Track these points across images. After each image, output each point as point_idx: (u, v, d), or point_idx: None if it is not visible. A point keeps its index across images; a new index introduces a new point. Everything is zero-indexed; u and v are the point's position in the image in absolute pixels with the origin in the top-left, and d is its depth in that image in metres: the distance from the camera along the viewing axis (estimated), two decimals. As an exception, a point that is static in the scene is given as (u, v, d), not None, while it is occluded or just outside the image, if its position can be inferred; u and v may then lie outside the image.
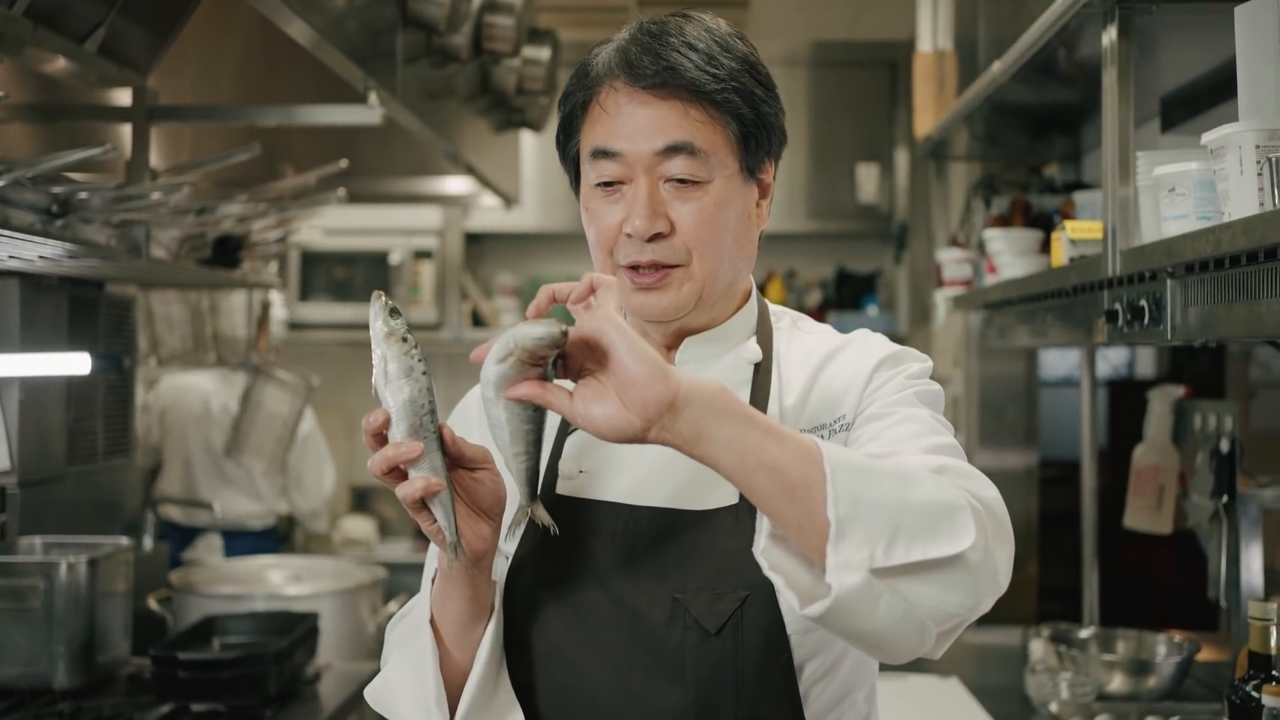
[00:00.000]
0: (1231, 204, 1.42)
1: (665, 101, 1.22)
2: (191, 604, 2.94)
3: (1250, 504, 2.41)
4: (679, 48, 1.22)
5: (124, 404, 2.99)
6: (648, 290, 1.25)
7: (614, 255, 1.26)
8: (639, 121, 1.22)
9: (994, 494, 1.13)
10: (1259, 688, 1.64)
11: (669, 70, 1.21)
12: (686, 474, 1.24)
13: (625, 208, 1.24)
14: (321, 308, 4.71)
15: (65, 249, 2.06)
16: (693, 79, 1.22)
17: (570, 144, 1.30)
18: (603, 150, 1.24)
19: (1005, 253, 2.58)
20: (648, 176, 1.23)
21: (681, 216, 1.23)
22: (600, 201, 1.26)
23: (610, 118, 1.24)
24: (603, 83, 1.25)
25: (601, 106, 1.24)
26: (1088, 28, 1.96)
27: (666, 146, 1.22)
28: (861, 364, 1.29)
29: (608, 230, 1.25)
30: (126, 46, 2.31)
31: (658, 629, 1.21)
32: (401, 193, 4.21)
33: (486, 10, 2.81)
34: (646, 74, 1.22)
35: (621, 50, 1.24)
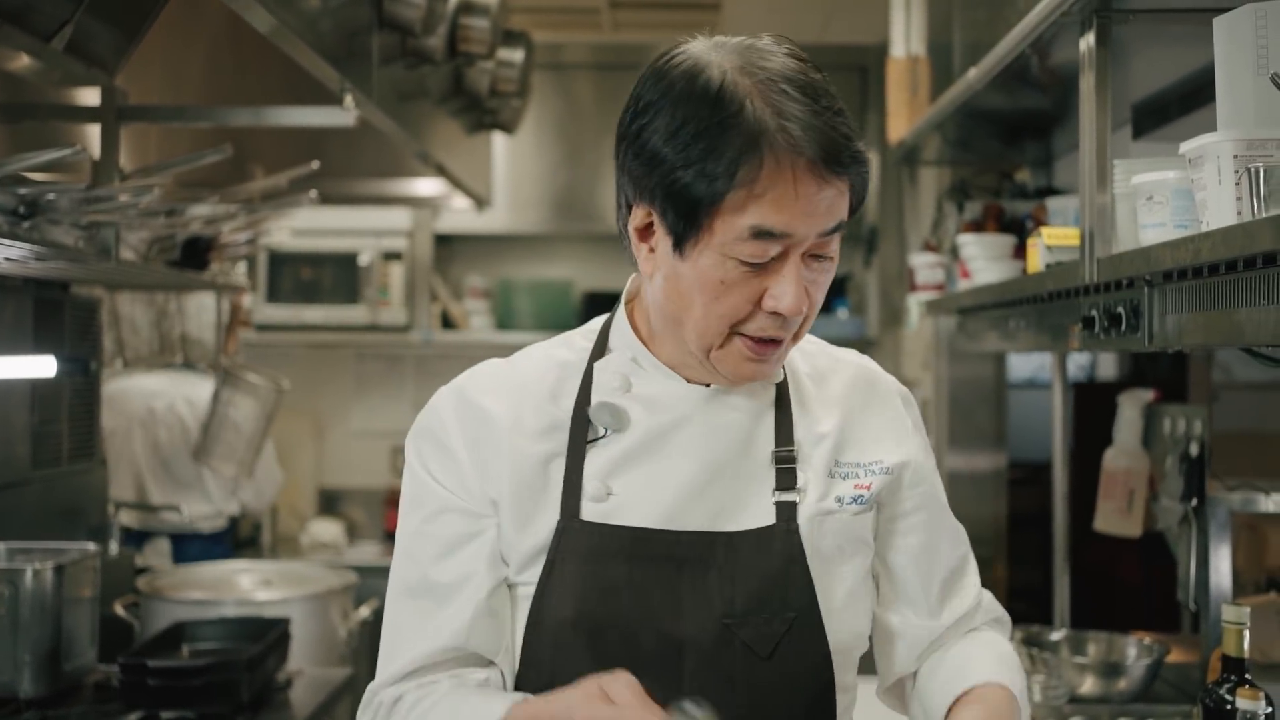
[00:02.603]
0: (1210, 213, 1.43)
1: (839, 180, 1.15)
2: (159, 610, 2.90)
3: (1219, 507, 2.44)
4: (844, 115, 1.16)
5: (90, 407, 2.95)
6: (760, 361, 1.21)
7: (739, 327, 1.19)
8: (817, 203, 1.14)
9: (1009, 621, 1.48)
10: (1233, 690, 1.66)
11: (855, 156, 1.15)
12: (723, 494, 1.24)
13: (776, 287, 1.16)
14: (289, 309, 4.67)
15: (33, 251, 2.03)
16: (860, 153, 1.16)
17: (699, 209, 1.15)
18: (771, 231, 1.14)
19: (979, 258, 2.59)
20: (799, 253, 1.17)
21: (813, 292, 1.19)
22: (740, 276, 1.16)
23: (795, 201, 1.13)
24: (787, 158, 1.12)
25: (792, 187, 1.13)
26: (1062, 35, 1.98)
27: (834, 227, 1.17)
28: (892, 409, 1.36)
29: (743, 304, 1.18)
30: (94, 45, 2.28)
31: (707, 657, 1.20)
32: (371, 194, 4.19)
33: (462, 12, 2.80)
34: (841, 160, 1.14)
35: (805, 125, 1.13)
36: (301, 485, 4.90)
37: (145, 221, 2.48)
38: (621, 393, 1.27)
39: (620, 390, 1.27)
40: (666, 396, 1.27)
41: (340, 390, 5.06)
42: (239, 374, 3.47)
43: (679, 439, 1.26)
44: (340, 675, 2.76)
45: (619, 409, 1.26)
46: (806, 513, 1.25)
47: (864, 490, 1.28)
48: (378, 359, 5.05)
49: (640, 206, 1.21)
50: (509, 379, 1.31)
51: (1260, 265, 1.32)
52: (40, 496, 2.73)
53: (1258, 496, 2.44)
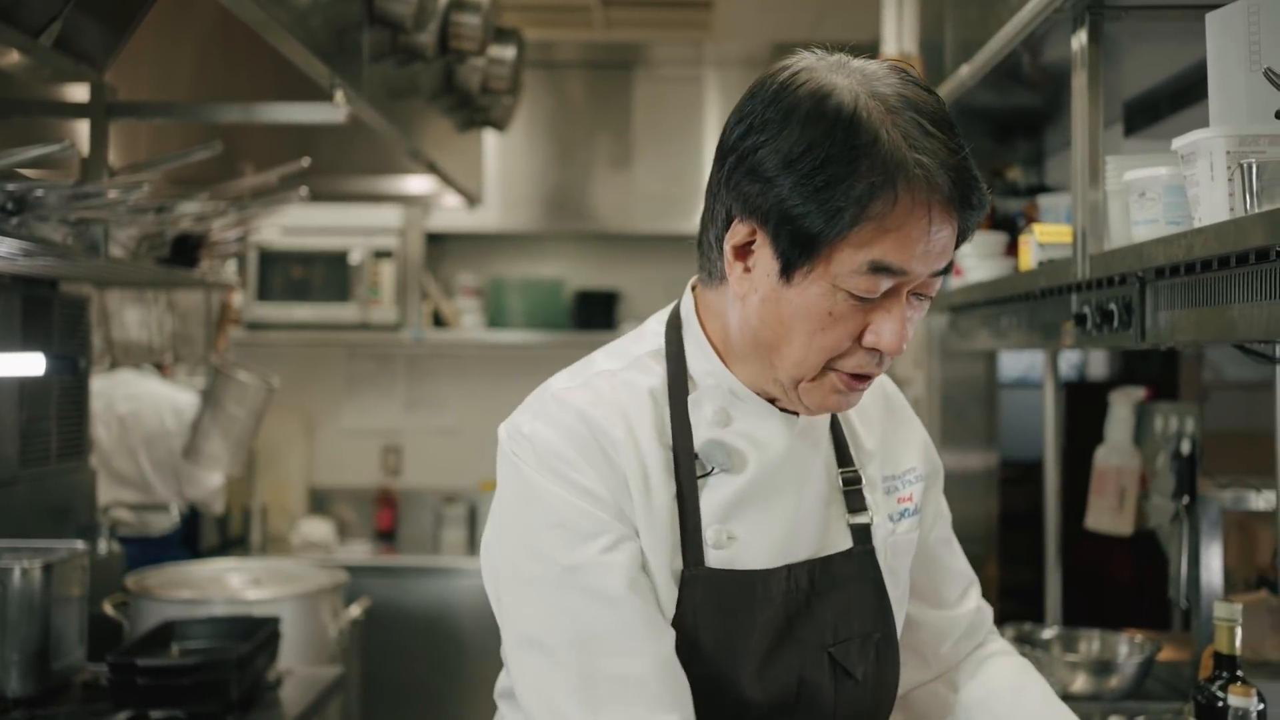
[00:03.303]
0: (1202, 209, 1.43)
1: (955, 218, 1.13)
2: (148, 609, 2.90)
3: (1210, 505, 2.44)
4: (970, 155, 1.12)
5: (78, 406, 2.94)
6: (850, 394, 1.19)
7: (835, 361, 1.16)
8: (937, 244, 1.12)
9: None
10: (1224, 688, 1.66)
11: (979, 195, 1.12)
12: (815, 524, 1.26)
13: (881, 324, 1.13)
14: (280, 307, 4.66)
15: (21, 247, 2.02)
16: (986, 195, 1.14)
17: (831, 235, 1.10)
18: (890, 268, 1.11)
19: (970, 255, 2.59)
20: (908, 291, 1.14)
21: (908, 328, 1.16)
22: (848, 306, 1.12)
23: (924, 240, 1.10)
24: (922, 194, 1.09)
25: (923, 225, 1.10)
26: (1054, 33, 1.98)
27: (946, 267, 1.15)
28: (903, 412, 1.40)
29: (845, 339, 1.14)
30: (83, 41, 2.26)
31: (820, 688, 1.22)
32: (362, 192, 4.17)
33: (453, 9, 2.79)
34: (972, 201, 1.12)
35: (945, 165, 1.09)
36: (292, 484, 4.89)
37: (134, 218, 2.46)
38: (721, 427, 1.23)
39: (719, 424, 1.23)
40: (768, 433, 1.24)
41: (331, 389, 5.04)
42: (229, 372, 3.45)
43: (786, 471, 1.25)
44: (330, 674, 2.76)
45: (732, 447, 1.23)
46: (879, 533, 1.29)
47: (908, 503, 1.33)
48: (368, 357, 5.04)
49: (745, 224, 1.16)
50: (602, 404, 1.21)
51: (1253, 261, 1.32)
52: (29, 495, 2.72)
53: (1249, 495, 2.44)
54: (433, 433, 5.00)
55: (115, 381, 3.86)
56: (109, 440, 3.82)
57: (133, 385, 3.89)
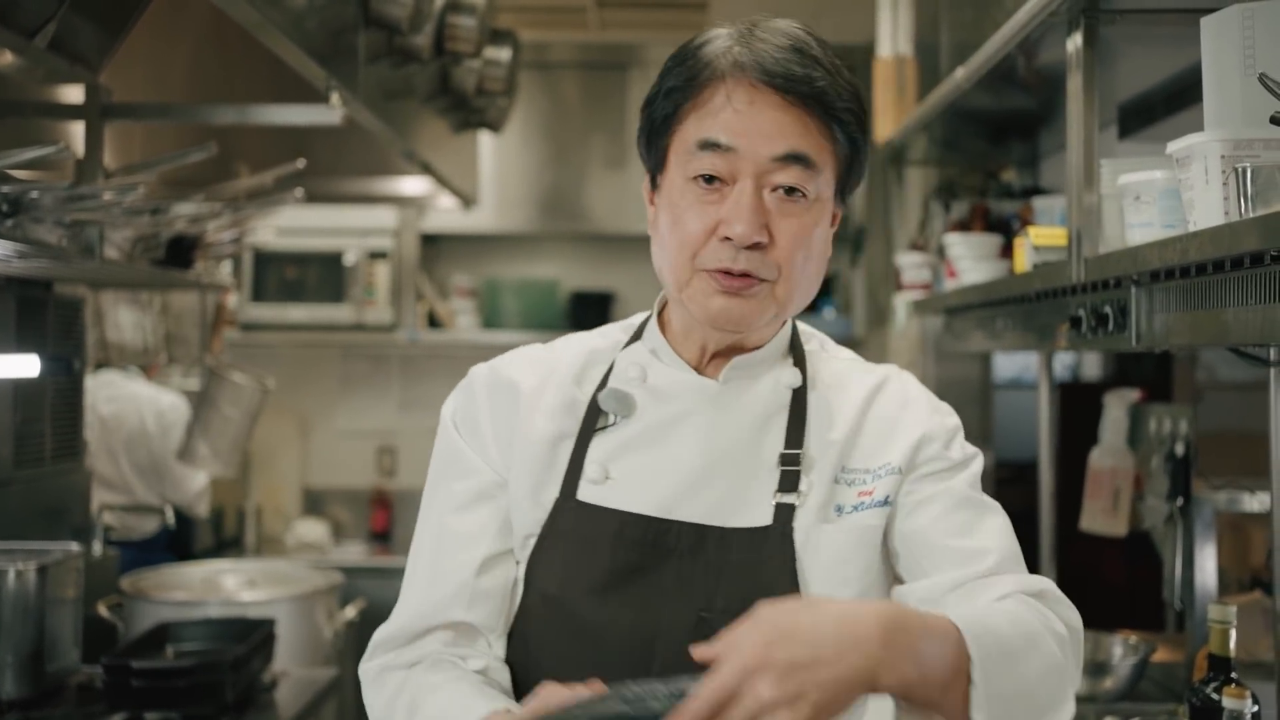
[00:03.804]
0: (1197, 213, 1.43)
1: (792, 108, 1.18)
2: (143, 610, 2.89)
3: (1204, 506, 2.44)
4: (809, 57, 1.19)
5: (73, 407, 2.93)
6: (733, 295, 1.21)
7: (696, 258, 1.21)
8: (762, 122, 1.17)
9: (1078, 620, 1.21)
10: (1219, 689, 1.67)
11: (807, 78, 1.18)
12: (718, 491, 1.24)
13: (727, 210, 1.19)
14: (274, 308, 4.65)
15: (16, 249, 2.01)
16: (822, 89, 1.18)
17: (665, 133, 1.23)
18: (714, 143, 1.18)
19: (965, 257, 2.60)
20: (754, 181, 1.19)
21: (781, 231, 1.19)
22: (693, 198, 1.20)
23: (731, 112, 1.18)
24: (728, 75, 1.19)
25: (726, 98, 1.18)
26: (1049, 36, 1.98)
27: (785, 154, 1.18)
28: (908, 413, 1.30)
29: (698, 232, 1.20)
30: (77, 42, 2.26)
31: (680, 648, 1.18)
32: (357, 193, 4.17)
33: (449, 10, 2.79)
34: (779, 74, 1.17)
35: (748, 45, 1.19)
36: (286, 485, 4.88)
37: (129, 220, 2.46)
38: (638, 382, 1.30)
39: (637, 380, 1.30)
40: (676, 388, 1.29)
41: (325, 390, 5.04)
42: (224, 373, 3.45)
43: (683, 430, 1.27)
44: (325, 676, 2.75)
45: (627, 395, 1.29)
46: (805, 518, 1.23)
47: (868, 495, 1.27)
48: (363, 358, 5.04)
49: (645, 172, 1.28)
50: (542, 359, 1.36)
51: (1248, 265, 1.33)
52: (23, 496, 2.71)
53: (1243, 496, 2.45)
54: (428, 433, 4.95)
55: (99, 382, 3.84)
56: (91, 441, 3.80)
57: (115, 386, 3.87)
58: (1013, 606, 1.16)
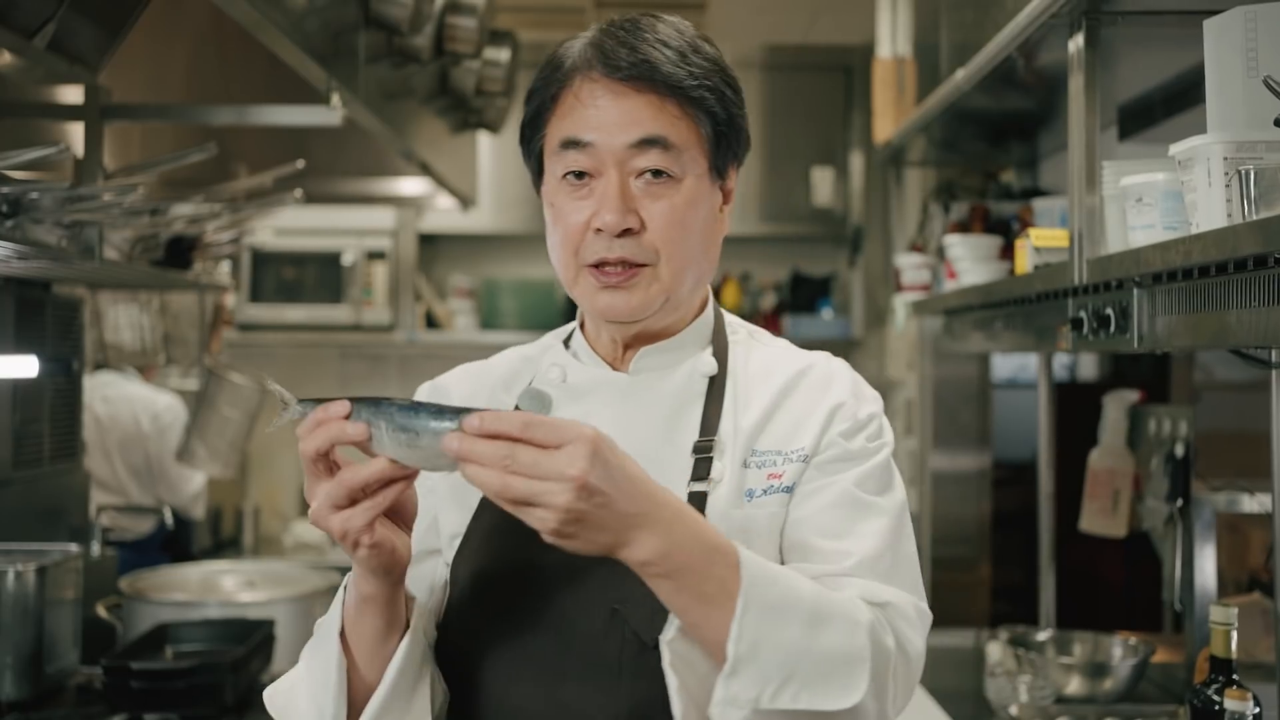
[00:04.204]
0: (1200, 215, 1.43)
1: (641, 94, 1.22)
2: (142, 611, 2.88)
3: (1204, 507, 2.45)
4: (653, 43, 1.23)
5: (71, 408, 2.93)
6: (615, 289, 1.24)
7: (579, 254, 1.24)
8: (613, 113, 1.22)
9: (919, 647, 1.19)
10: (1220, 691, 1.67)
11: (646, 63, 1.21)
12: None
13: (595, 203, 1.23)
14: (272, 308, 4.64)
15: (16, 250, 2.01)
16: (669, 73, 1.22)
17: (536, 137, 1.29)
18: (573, 140, 1.23)
19: (965, 258, 2.60)
20: (618, 170, 1.22)
21: (652, 214, 1.23)
22: (567, 197, 1.25)
23: (584, 108, 1.23)
24: (576, 74, 1.24)
25: (575, 97, 1.23)
26: (1050, 37, 1.98)
27: (641, 139, 1.21)
28: (826, 397, 1.29)
29: (575, 227, 1.24)
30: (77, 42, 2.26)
31: (594, 639, 1.19)
32: (355, 193, 4.16)
33: (449, 11, 2.78)
34: (623, 65, 1.21)
35: (596, 43, 1.24)
36: (284, 486, 4.88)
37: (129, 221, 2.45)
38: (558, 382, 1.33)
39: (558, 380, 1.33)
40: (589, 384, 1.32)
41: (324, 390, 5.01)
42: (223, 374, 3.44)
43: (596, 424, 1.25)
44: (325, 677, 2.75)
45: (543, 395, 1.32)
46: (717, 505, 1.24)
47: (776, 479, 1.26)
48: (361, 359, 5.03)
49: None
50: (477, 371, 1.41)
51: (1251, 267, 1.33)
52: (21, 497, 2.71)
53: (1242, 497, 2.45)
54: (425, 434, 4.99)
55: (95, 383, 3.83)
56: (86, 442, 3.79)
57: (111, 387, 3.86)
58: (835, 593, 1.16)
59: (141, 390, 3.93)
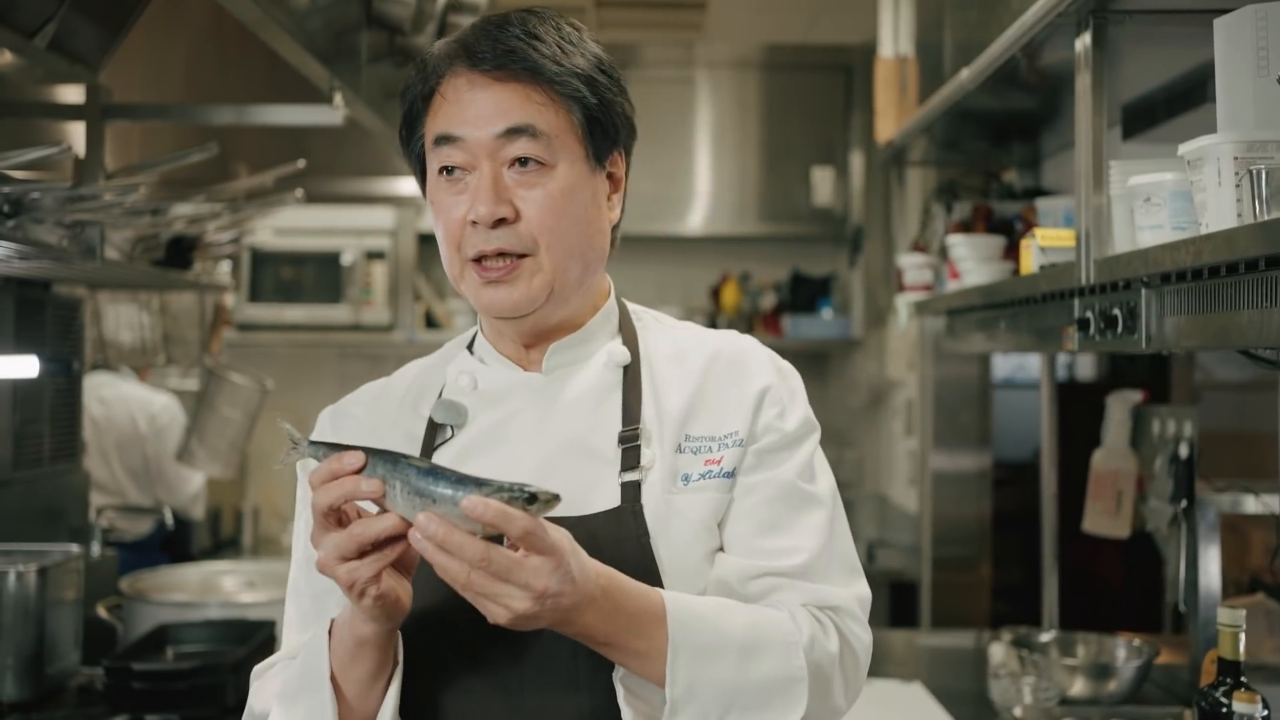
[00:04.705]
0: (1209, 215, 1.43)
1: (505, 84, 1.21)
2: (142, 612, 2.87)
3: (1208, 508, 2.44)
4: (519, 35, 1.22)
5: (71, 408, 2.92)
6: (497, 284, 1.23)
7: (460, 249, 1.23)
8: (480, 106, 1.21)
9: (866, 640, 1.25)
10: (1229, 694, 1.66)
11: (508, 53, 1.21)
12: (570, 479, 1.22)
13: (470, 196, 1.22)
14: (271, 308, 4.63)
15: (17, 250, 2.00)
16: (533, 61, 1.21)
17: (414, 139, 1.28)
18: (444, 136, 1.22)
19: (969, 258, 2.59)
20: (490, 162, 1.21)
21: (526, 202, 1.21)
22: (445, 193, 1.24)
23: (450, 104, 1.22)
24: (444, 71, 1.24)
25: (442, 94, 1.23)
26: (1055, 36, 1.98)
27: (508, 129, 1.21)
28: (749, 374, 1.29)
29: (454, 223, 1.23)
30: (78, 42, 2.25)
31: (547, 641, 1.18)
32: (354, 193, 4.16)
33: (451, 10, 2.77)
34: (486, 57, 1.21)
35: (461, 40, 1.24)
36: (283, 486, 4.87)
37: (130, 220, 2.44)
38: (469, 390, 1.31)
39: (468, 388, 1.31)
40: (503, 388, 1.30)
41: (322, 390, 5.01)
42: (223, 374, 3.43)
43: (515, 428, 1.27)
44: (326, 678, 2.74)
45: (457, 405, 1.30)
46: (652, 492, 1.23)
47: (714, 464, 1.25)
48: (360, 358, 5.02)
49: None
50: (378, 393, 1.38)
51: (1262, 268, 1.32)
52: (21, 497, 2.70)
53: (1246, 497, 2.44)
54: (425, 434, 4.98)
55: (92, 384, 3.82)
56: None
57: (106, 388, 3.85)
58: (771, 613, 1.20)
59: (138, 391, 3.91)
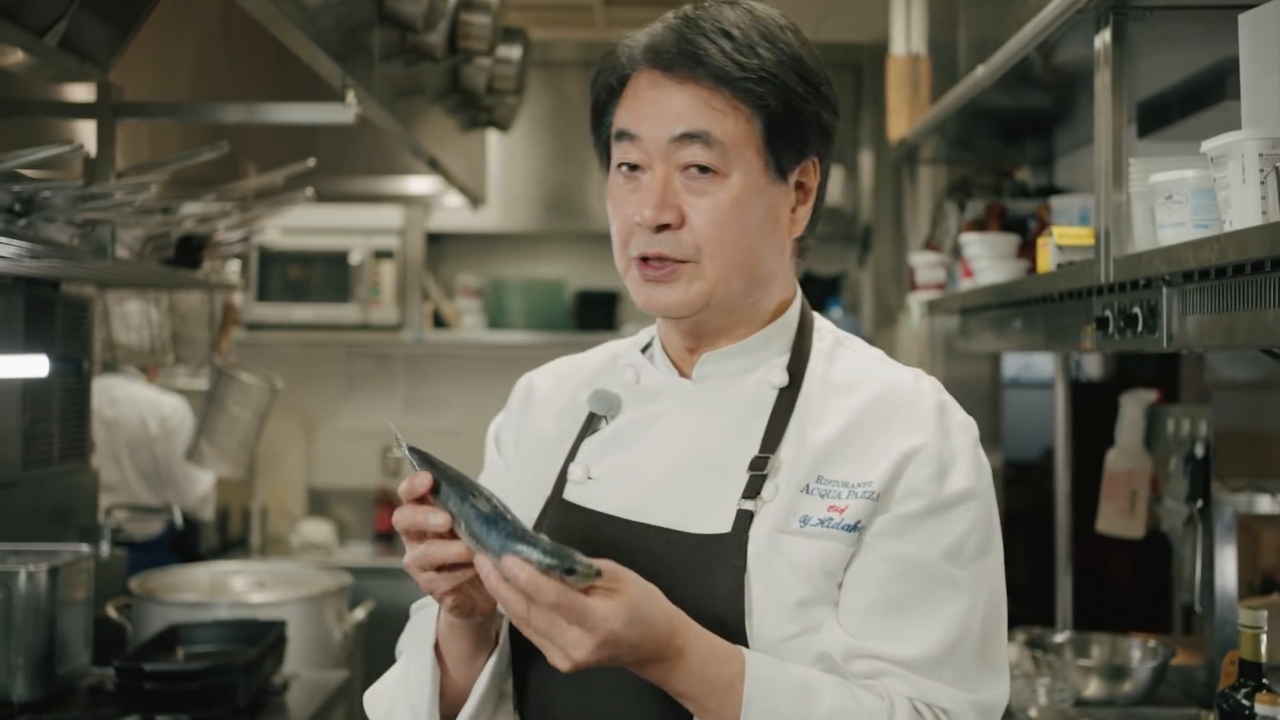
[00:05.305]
0: (1233, 212, 1.41)
1: (684, 87, 1.19)
2: (152, 612, 2.87)
3: (1224, 508, 2.43)
4: (710, 33, 1.19)
5: (81, 407, 2.91)
6: (655, 283, 1.21)
7: (628, 246, 1.22)
8: (659, 106, 1.19)
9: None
10: (1251, 696, 1.65)
11: (691, 55, 1.18)
12: (687, 493, 1.21)
13: (640, 197, 1.21)
14: (279, 308, 4.63)
15: (29, 249, 1.99)
16: (716, 66, 1.17)
17: (602, 127, 1.28)
18: (624, 132, 1.22)
19: (983, 257, 2.58)
20: (664, 165, 1.20)
21: (695, 210, 1.19)
22: (621, 188, 1.23)
23: (632, 101, 1.22)
24: (631, 67, 1.23)
25: (631, 88, 1.23)
26: (1072, 33, 1.96)
27: (682, 134, 1.18)
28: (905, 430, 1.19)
29: (626, 220, 1.22)
30: (88, 40, 2.24)
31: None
32: (363, 192, 4.15)
33: (462, 9, 2.77)
34: (669, 57, 1.19)
35: (651, 34, 1.23)
36: (291, 485, 4.86)
37: (140, 219, 2.44)
38: (632, 384, 1.31)
39: (631, 382, 1.31)
40: (657, 388, 1.29)
41: (330, 389, 5.02)
42: (232, 373, 3.43)
43: (657, 430, 1.26)
44: (336, 678, 2.73)
45: (611, 396, 1.30)
46: (762, 526, 1.17)
47: (837, 513, 1.16)
48: (368, 358, 5.01)
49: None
50: (566, 365, 1.41)
51: (1289, 266, 1.31)
52: (31, 497, 2.69)
53: (1263, 497, 2.43)
54: (433, 434, 4.97)
55: (100, 386, 3.82)
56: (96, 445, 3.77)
57: (117, 390, 3.85)
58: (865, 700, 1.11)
59: (148, 393, 3.91)
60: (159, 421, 3.83)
